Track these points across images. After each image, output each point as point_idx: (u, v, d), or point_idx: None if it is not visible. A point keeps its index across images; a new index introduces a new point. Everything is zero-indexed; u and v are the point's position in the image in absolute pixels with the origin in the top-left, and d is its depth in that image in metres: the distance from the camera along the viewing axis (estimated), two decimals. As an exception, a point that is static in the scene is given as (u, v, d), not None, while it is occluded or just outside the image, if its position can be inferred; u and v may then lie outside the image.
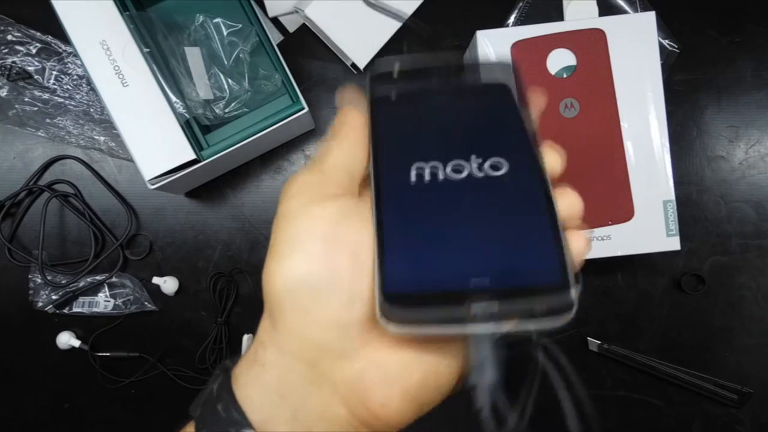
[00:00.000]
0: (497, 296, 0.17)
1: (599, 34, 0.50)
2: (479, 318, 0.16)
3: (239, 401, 0.20)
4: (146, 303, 0.59)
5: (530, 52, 0.50)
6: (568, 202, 0.22)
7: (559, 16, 0.58)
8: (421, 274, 0.18)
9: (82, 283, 0.58)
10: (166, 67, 0.48)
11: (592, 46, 0.50)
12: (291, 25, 0.59)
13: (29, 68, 0.57)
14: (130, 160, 0.58)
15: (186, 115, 0.48)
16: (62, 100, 0.58)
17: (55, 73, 0.58)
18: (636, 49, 0.50)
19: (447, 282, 0.17)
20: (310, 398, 0.20)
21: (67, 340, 0.58)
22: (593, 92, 0.50)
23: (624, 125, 0.50)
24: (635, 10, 0.57)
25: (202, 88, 0.48)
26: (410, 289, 0.17)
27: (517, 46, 0.50)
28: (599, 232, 0.50)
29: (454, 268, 0.18)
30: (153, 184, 0.49)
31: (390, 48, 0.58)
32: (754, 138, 0.59)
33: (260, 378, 0.21)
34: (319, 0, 0.54)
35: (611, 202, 0.50)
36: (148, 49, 0.47)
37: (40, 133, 0.58)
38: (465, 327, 0.17)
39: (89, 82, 0.57)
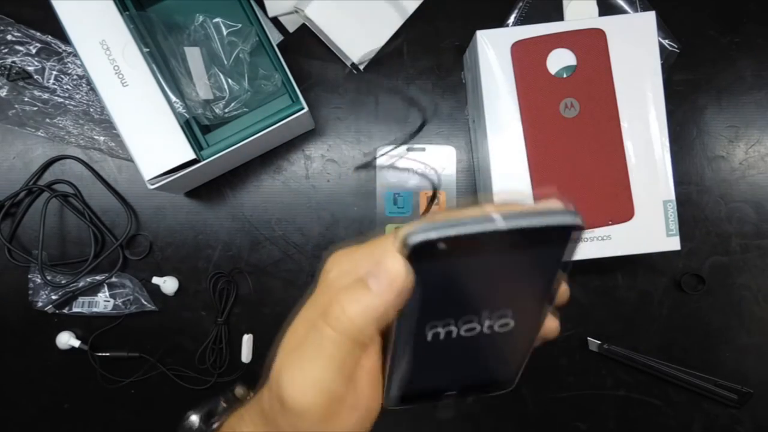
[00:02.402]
0: (460, 396, 0.27)
1: (599, 34, 0.50)
2: (443, 411, 0.26)
3: None
4: (146, 303, 0.59)
5: (530, 52, 0.50)
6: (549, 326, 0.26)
7: (559, 16, 0.58)
8: (413, 391, 0.26)
9: (81, 283, 0.58)
10: (166, 67, 0.48)
11: (592, 46, 0.50)
12: (291, 25, 0.59)
13: (29, 68, 0.57)
14: (130, 160, 0.58)
15: (186, 115, 0.48)
16: (62, 100, 0.58)
17: (54, 73, 0.58)
18: (636, 49, 0.50)
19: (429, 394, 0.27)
20: None
21: (67, 340, 0.58)
22: (593, 92, 0.50)
23: (624, 125, 0.50)
24: (635, 10, 0.57)
25: (201, 88, 0.48)
26: (406, 396, 0.26)
27: (517, 46, 0.50)
28: (599, 232, 0.50)
29: (437, 388, 0.27)
30: (153, 184, 0.49)
31: (390, 48, 0.58)
32: (754, 138, 0.59)
33: None
34: (319, 0, 0.54)
35: (611, 202, 0.50)
36: (148, 49, 0.47)
37: (40, 133, 0.58)
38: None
39: (89, 82, 0.57)
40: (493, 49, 0.50)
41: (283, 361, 0.23)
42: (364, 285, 0.21)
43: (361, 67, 0.58)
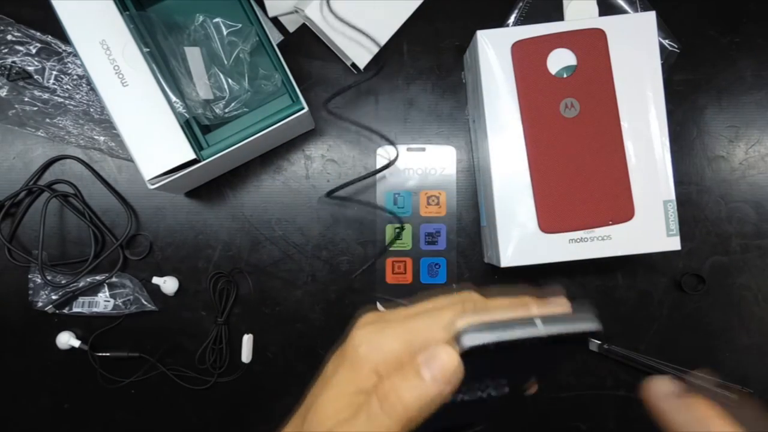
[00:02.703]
0: None
1: (599, 34, 0.50)
2: None
3: None
4: (146, 303, 0.59)
5: (530, 52, 0.50)
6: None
7: (559, 16, 0.58)
8: None
9: (82, 283, 0.58)
10: (166, 67, 0.48)
11: (592, 46, 0.50)
12: (291, 25, 0.59)
13: (29, 68, 0.57)
14: (130, 160, 0.58)
15: (186, 114, 0.48)
16: (62, 100, 0.58)
17: (55, 73, 0.58)
18: (636, 49, 0.50)
19: None
20: None
21: (67, 340, 0.58)
22: (593, 92, 0.50)
23: (624, 125, 0.50)
24: (635, 10, 0.57)
25: (202, 88, 0.48)
26: None
27: (517, 46, 0.50)
28: (599, 232, 0.50)
29: None
30: (153, 184, 0.49)
31: (389, 48, 0.58)
32: (754, 138, 0.59)
33: None
34: (319, 0, 0.54)
35: (611, 202, 0.50)
36: (148, 49, 0.47)
37: (40, 133, 0.58)
38: None
39: (89, 82, 0.57)
40: (493, 49, 0.50)
41: None
42: (418, 374, 0.23)
43: (361, 67, 0.58)
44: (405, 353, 0.25)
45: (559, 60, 0.50)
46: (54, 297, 0.58)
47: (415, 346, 0.25)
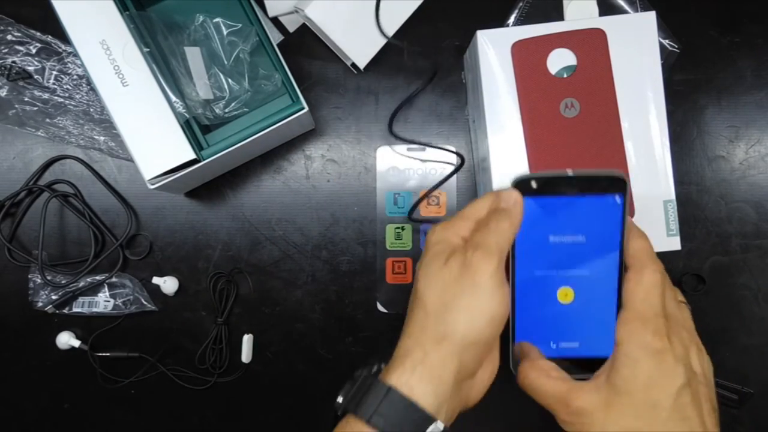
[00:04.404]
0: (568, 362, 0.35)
1: (599, 34, 0.50)
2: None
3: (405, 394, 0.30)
4: (146, 303, 0.59)
5: (530, 52, 0.50)
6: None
7: (559, 16, 0.58)
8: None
9: (82, 283, 0.58)
10: (166, 66, 0.48)
11: (592, 46, 0.50)
12: (291, 25, 0.59)
13: (29, 68, 0.57)
14: (130, 160, 0.58)
15: (186, 114, 0.48)
16: (62, 99, 0.58)
17: (54, 72, 0.58)
18: (636, 49, 0.50)
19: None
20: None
21: (67, 340, 0.58)
22: (593, 92, 0.50)
23: (624, 125, 0.50)
24: (635, 10, 0.57)
25: (202, 88, 0.48)
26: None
27: (517, 46, 0.50)
28: (599, 232, 0.50)
29: (549, 342, 0.36)
30: (153, 184, 0.49)
31: (390, 47, 0.58)
32: (754, 138, 0.59)
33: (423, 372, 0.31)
34: (319, 0, 0.54)
35: (611, 202, 0.50)
36: (148, 49, 0.47)
37: (40, 133, 0.58)
38: None
39: (89, 82, 0.57)
40: (493, 49, 0.50)
41: (448, 305, 0.31)
42: (496, 218, 0.32)
43: (361, 67, 0.58)
44: (470, 224, 0.33)
45: (559, 60, 0.50)
46: (54, 297, 0.58)
47: (474, 218, 0.33)
